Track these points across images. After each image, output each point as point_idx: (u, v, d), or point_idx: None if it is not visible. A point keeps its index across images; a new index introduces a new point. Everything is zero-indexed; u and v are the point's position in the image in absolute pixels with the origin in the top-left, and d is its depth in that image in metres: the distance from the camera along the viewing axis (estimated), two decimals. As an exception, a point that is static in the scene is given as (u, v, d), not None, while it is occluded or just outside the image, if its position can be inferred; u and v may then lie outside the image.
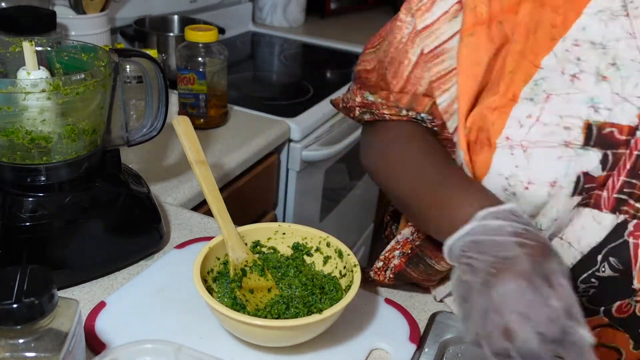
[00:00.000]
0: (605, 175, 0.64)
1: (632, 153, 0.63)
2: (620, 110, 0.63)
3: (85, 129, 0.76)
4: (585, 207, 0.65)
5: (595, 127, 0.64)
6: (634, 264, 0.65)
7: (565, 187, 0.64)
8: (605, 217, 0.64)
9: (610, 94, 0.64)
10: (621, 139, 0.63)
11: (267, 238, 0.79)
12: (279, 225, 0.79)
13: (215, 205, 0.75)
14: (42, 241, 0.75)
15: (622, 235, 0.64)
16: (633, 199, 0.64)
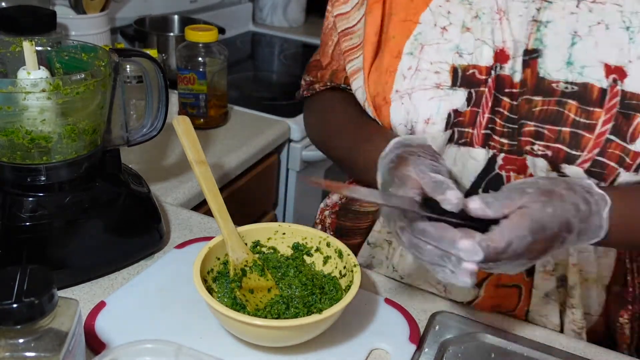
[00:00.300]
0: (470, 110, 0.74)
1: (490, 91, 0.73)
2: (480, 53, 0.73)
3: (85, 128, 0.76)
4: (462, 146, 0.75)
5: (460, 69, 0.74)
6: None
7: (437, 124, 0.75)
8: (478, 152, 0.75)
9: (473, 41, 0.74)
10: (481, 78, 0.73)
11: (267, 238, 0.79)
12: (279, 225, 0.79)
13: (215, 205, 0.75)
14: (42, 241, 0.75)
15: (494, 168, 0.74)
16: (496, 134, 0.74)
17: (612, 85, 0.69)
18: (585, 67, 0.69)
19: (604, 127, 0.69)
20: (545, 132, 0.71)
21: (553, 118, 0.71)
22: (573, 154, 0.70)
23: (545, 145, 0.71)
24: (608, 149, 0.69)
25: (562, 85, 0.70)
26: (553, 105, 0.71)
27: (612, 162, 0.69)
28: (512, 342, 0.74)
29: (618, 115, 0.69)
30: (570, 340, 0.76)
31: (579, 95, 0.70)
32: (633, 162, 0.69)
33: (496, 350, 0.74)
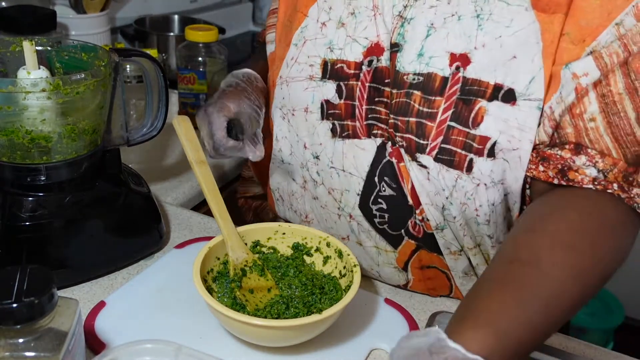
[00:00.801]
0: (344, 103, 0.78)
1: (364, 84, 0.76)
2: (349, 49, 0.77)
3: (85, 128, 0.76)
4: (347, 138, 0.78)
5: (330, 63, 0.78)
6: (402, 182, 0.75)
7: (314, 112, 0.80)
8: (365, 142, 0.77)
9: (345, 37, 0.77)
10: (349, 72, 0.77)
11: (267, 238, 0.79)
12: (279, 225, 0.79)
13: (215, 205, 0.75)
14: (42, 241, 0.75)
15: (384, 156, 0.76)
16: (381, 122, 0.76)
17: (454, 73, 0.70)
18: (433, 58, 0.71)
19: (444, 114, 0.70)
20: (399, 123, 0.73)
21: (403, 110, 0.73)
22: (421, 143, 0.72)
23: (401, 136, 0.74)
24: (451, 136, 0.70)
25: (411, 77, 0.72)
26: (402, 97, 0.73)
27: (458, 148, 0.70)
28: (512, 342, 0.74)
29: (458, 101, 0.70)
30: (570, 340, 0.76)
31: (423, 85, 0.72)
32: (482, 147, 0.69)
33: (496, 351, 0.74)
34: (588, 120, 0.66)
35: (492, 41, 0.68)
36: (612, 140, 0.65)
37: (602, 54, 0.64)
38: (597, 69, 0.64)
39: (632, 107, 0.64)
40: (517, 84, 0.68)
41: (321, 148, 0.81)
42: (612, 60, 0.64)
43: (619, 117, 0.65)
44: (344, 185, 0.80)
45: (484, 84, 0.69)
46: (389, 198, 0.77)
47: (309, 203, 0.87)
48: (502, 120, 0.68)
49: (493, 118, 0.68)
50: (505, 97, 0.68)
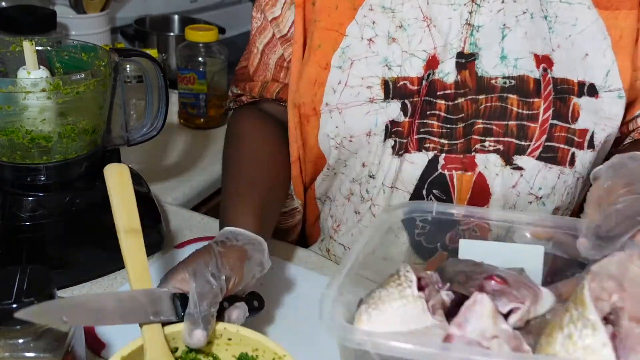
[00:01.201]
0: (408, 121, 0.76)
1: (421, 99, 0.75)
2: (409, 65, 0.75)
3: (85, 128, 0.76)
4: (399, 155, 0.77)
5: (391, 82, 0.76)
6: (453, 192, 0.77)
7: (378, 135, 0.77)
8: (416, 156, 0.77)
9: (400, 52, 0.75)
10: (414, 88, 0.76)
11: (207, 342, 0.58)
12: (224, 328, 0.58)
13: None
14: (42, 241, 0.75)
15: (436, 169, 0.77)
16: (434, 136, 0.76)
17: (543, 75, 0.74)
18: (518, 60, 0.74)
19: (545, 114, 0.74)
20: (494, 127, 0.74)
21: (498, 113, 0.74)
22: (522, 145, 0.74)
23: (496, 140, 0.75)
24: (555, 133, 0.74)
25: (501, 81, 0.74)
26: (496, 102, 0.74)
27: (562, 144, 0.74)
28: (512, 343, 0.74)
29: (555, 100, 0.74)
30: (570, 341, 0.76)
31: (517, 88, 0.74)
32: (582, 140, 0.74)
33: (496, 351, 0.74)
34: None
35: (564, 41, 0.74)
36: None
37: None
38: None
39: None
40: (596, 78, 0.74)
41: (379, 167, 0.79)
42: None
43: None
44: (388, 200, 0.79)
45: (571, 82, 0.74)
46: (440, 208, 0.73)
47: (348, 214, 0.85)
48: (593, 112, 0.74)
49: (586, 112, 0.74)
50: (589, 92, 0.74)
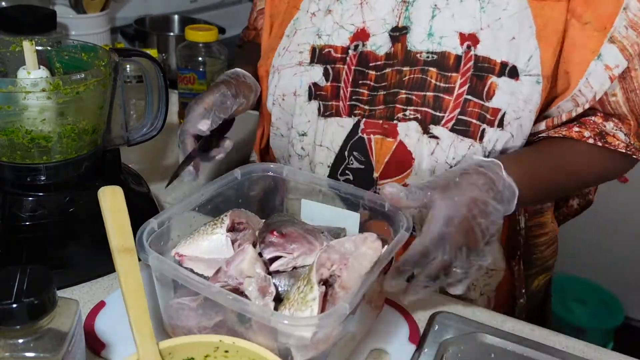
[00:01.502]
0: (330, 85, 0.84)
1: (350, 68, 0.83)
2: (337, 35, 0.84)
3: (85, 128, 0.76)
4: (330, 117, 0.85)
5: (318, 49, 0.85)
6: (371, 155, 0.83)
7: (302, 95, 0.86)
8: (346, 120, 0.84)
9: (332, 24, 0.84)
10: (337, 56, 0.84)
11: (203, 356, 0.58)
12: (219, 341, 0.58)
13: (134, 311, 0.57)
14: (42, 241, 0.75)
15: (357, 132, 0.83)
16: (362, 103, 0.83)
17: (466, 52, 0.78)
18: (443, 37, 0.79)
19: (461, 89, 0.78)
20: (414, 97, 0.80)
21: (419, 85, 0.80)
22: (438, 115, 0.79)
23: (415, 110, 0.80)
24: (467, 108, 0.78)
25: (425, 55, 0.79)
26: (418, 74, 0.80)
27: (474, 119, 0.78)
28: (512, 342, 0.74)
29: (472, 77, 0.78)
30: (570, 340, 0.76)
31: (437, 62, 0.79)
32: (494, 118, 0.78)
33: (496, 350, 0.74)
34: (610, 95, 0.80)
35: (494, 22, 0.77)
36: (628, 111, 0.80)
37: (623, 43, 0.76)
38: (625, 59, 0.76)
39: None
40: (519, 61, 0.77)
41: (308, 125, 0.87)
42: (634, 48, 0.76)
43: (636, 94, 0.79)
44: (320, 158, 0.87)
45: (493, 61, 0.77)
46: (356, 170, 0.84)
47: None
48: (509, 93, 0.77)
49: (502, 92, 0.77)
50: (510, 73, 0.77)
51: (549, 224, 0.96)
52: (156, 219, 0.69)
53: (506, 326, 0.78)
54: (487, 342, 0.74)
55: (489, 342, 0.74)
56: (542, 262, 0.98)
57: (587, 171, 0.84)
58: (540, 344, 0.74)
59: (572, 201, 1.02)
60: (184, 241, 0.70)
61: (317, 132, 0.86)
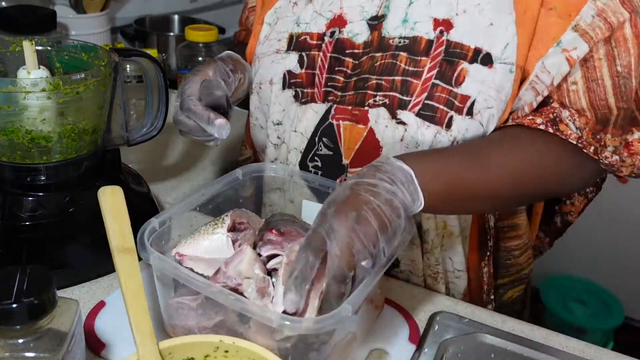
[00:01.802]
0: (305, 72, 0.83)
1: (326, 55, 0.82)
2: (314, 23, 0.84)
3: (85, 128, 0.76)
4: (306, 103, 0.83)
5: (295, 36, 0.84)
6: (339, 142, 0.81)
7: (277, 84, 0.85)
8: (319, 106, 0.82)
9: (312, 12, 0.84)
10: (312, 43, 0.83)
11: (203, 356, 0.58)
12: (219, 341, 0.58)
13: (134, 311, 0.57)
14: (42, 241, 0.75)
15: (328, 118, 0.81)
16: (337, 89, 0.81)
17: (438, 37, 0.76)
18: (417, 23, 0.78)
19: (429, 73, 0.76)
20: (383, 82, 0.78)
21: (389, 70, 0.78)
22: (405, 100, 0.77)
23: (384, 95, 0.78)
24: (435, 93, 0.76)
25: (397, 41, 0.78)
26: (389, 59, 0.78)
27: (441, 104, 0.76)
28: (512, 342, 0.74)
29: (442, 62, 0.76)
30: (570, 340, 0.76)
31: (409, 47, 0.78)
32: (463, 105, 0.75)
33: (496, 350, 0.74)
34: (571, 84, 0.75)
35: (472, 7, 0.75)
36: (588, 103, 0.75)
37: (586, 30, 0.72)
38: (584, 41, 0.72)
39: (609, 74, 0.74)
40: (494, 48, 0.75)
41: (283, 114, 0.86)
42: (596, 33, 0.72)
43: (597, 84, 0.74)
44: (294, 144, 0.85)
45: (466, 47, 0.75)
46: (325, 157, 0.82)
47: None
48: (480, 81, 0.75)
49: (473, 79, 0.75)
50: (483, 61, 0.75)
51: (522, 227, 0.92)
52: (157, 218, 0.68)
53: (506, 326, 0.78)
54: (487, 342, 0.74)
55: (489, 342, 0.74)
56: (516, 269, 0.95)
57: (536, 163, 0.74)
58: (540, 344, 0.74)
59: (556, 218, 1.00)
60: (185, 241, 0.70)
61: (294, 119, 0.84)
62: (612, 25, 0.72)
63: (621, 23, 0.72)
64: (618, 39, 0.73)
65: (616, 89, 0.74)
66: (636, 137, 0.77)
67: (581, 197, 0.96)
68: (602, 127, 0.75)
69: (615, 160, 0.76)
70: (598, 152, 0.75)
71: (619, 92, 0.74)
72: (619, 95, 0.74)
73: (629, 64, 0.73)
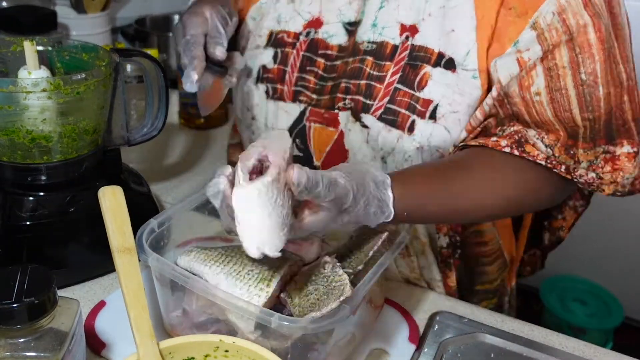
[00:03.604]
0: (277, 68, 0.85)
1: (299, 53, 0.84)
2: (293, 22, 0.85)
3: (85, 128, 0.76)
4: (276, 100, 0.85)
5: (274, 33, 0.86)
6: (309, 144, 0.83)
7: (253, 77, 0.87)
8: (290, 106, 0.84)
9: (292, 11, 0.86)
10: (288, 41, 0.85)
11: (203, 355, 0.58)
12: (220, 340, 0.58)
13: (134, 311, 0.57)
14: (42, 240, 0.75)
15: (302, 120, 0.83)
16: (309, 90, 0.83)
17: (403, 42, 0.77)
18: (385, 28, 0.78)
19: (392, 77, 0.77)
20: (350, 86, 0.80)
21: (356, 73, 0.79)
22: (368, 104, 0.78)
23: (351, 98, 0.79)
24: (397, 97, 0.76)
25: (365, 45, 0.79)
26: (357, 63, 0.80)
27: (402, 108, 0.76)
28: (512, 342, 0.74)
29: (406, 66, 0.76)
30: (570, 340, 0.76)
31: (375, 52, 0.79)
32: (425, 109, 0.75)
33: (496, 350, 0.74)
34: (534, 94, 0.71)
35: (437, 10, 0.75)
36: (553, 115, 0.71)
37: (544, 29, 0.69)
38: (538, 43, 0.70)
39: (573, 83, 0.69)
40: (456, 54, 0.74)
41: (258, 109, 0.88)
42: (552, 35, 0.69)
43: (560, 94, 0.70)
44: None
45: (430, 50, 0.75)
46: (297, 158, 0.83)
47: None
48: (444, 85, 0.74)
49: (436, 83, 0.75)
50: (447, 65, 0.75)
51: (486, 233, 0.89)
52: (156, 219, 0.68)
53: (506, 326, 0.78)
54: (487, 342, 0.75)
55: (489, 342, 0.74)
56: (488, 278, 0.93)
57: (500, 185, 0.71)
58: (540, 344, 0.74)
59: (544, 236, 1.00)
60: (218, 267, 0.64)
61: (268, 114, 0.86)
62: (570, 29, 0.68)
63: (581, 27, 0.68)
64: (582, 44, 0.68)
65: (580, 98, 0.69)
66: (625, 150, 0.71)
67: (571, 211, 0.95)
68: (573, 141, 0.71)
69: (592, 178, 0.71)
70: (571, 171, 0.71)
71: (583, 101, 0.69)
72: (584, 105, 0.69)
73: (594, 70, 0.68)
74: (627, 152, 0.71)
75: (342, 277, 0.60)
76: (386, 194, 0.62)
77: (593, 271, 2.02)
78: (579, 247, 1.93)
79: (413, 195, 0.65)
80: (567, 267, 2.01)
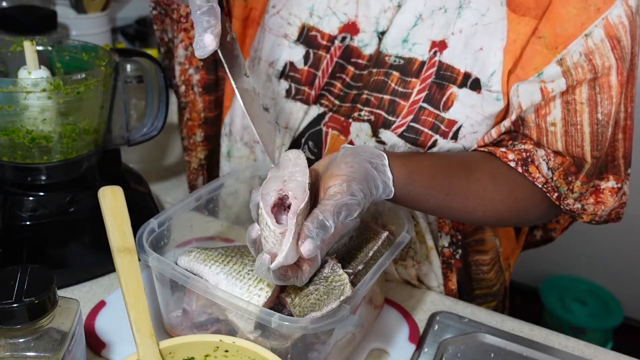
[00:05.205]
0: (307, 70, 0.82)
1: (332, 59, 0.81)
2: (327, 20, 0.80)
3: (85, 128, 0.76)
4: (298, 101, 0.82)
5: (307, 28, 0.81)
6: (323, 149, 0.81)
7: (275, 70, 0.83)
8: (312, 108, 0.82)
9: (326, 7, 0.80)
10: (322, 43, 0.81)
11: (203, 355, 0.58)
12: (220, 340, 0.57)
13: (134, 312, 0.57)
14: (42, 240, 0.75)
15: (319, 124, 0.81)
16: (332, 95, 0.81)
17: (431, 57, 0.75)
18: (416, 45, 0.76)
19: (417, 95, 0.75)
20: (372, 99, 0.78)
21: (379, 87, 0.77)
22: (389, 120, 0.76)
23: (370, 111, 0.78)
24: (421, 116, 0.75)
25: (392, 59, 0.77)
26: (381, 76, 0.77)
27: (426, 128, 0.75)
28: (512, 342, 0.74)
29: (432, 84, 0.75)
30: (570, 340, 0.76)
31: (402, 67, 0.76)
32: (449, 130, 0.74)
33: (495, 350, 0.74)
34: (550, 124, 0.72)
35: (468, 28, 0.73)
36: (564, 147, 0.73)
37: (569, 67, 0.69)
38: (563, 77, 0.70)
39: (589, 121, 0.71)
40: (482, 74, 0.73)
41: (272, 103, 0.84)
42: (577, 72, 0.69)
43: (575, 129, 0.72)
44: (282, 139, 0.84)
45: (456, 70, 0.74)
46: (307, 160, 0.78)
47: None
48: (469, 106, 0.74)
49: (461, 104, 0.74)
50: (472, 85, 0.74)
51: (488, 242, 0.89)
52: (156, 219, 0.68)
53: (506, 326, 0.78)
54: (487, 342, 0.75)
55: (489, 342, 0.75)
56: (487, 284, 0.93)
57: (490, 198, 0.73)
58: (540, 344, 0.75)
59: (536, 231, 1.00)
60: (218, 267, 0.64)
61: (282, 113, 0.83)
62: (595, 68, 0.69)
63: (606, 68, 0.69)
64: (603, 85, 0.70)
65: (593, 137, 0.71)
66: (609, 185, 0.76)
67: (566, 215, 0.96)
68: (576, 169, 0.74)
69: (577, 208, 0.76)
70: (561, 199, 0.74)
71: (595, 140, 0.72)
72: (595, 144, 0.72)
73: (609, 112, 0.70)
74: (612, 186, 0.76)
75: (342, 277, 0.60)
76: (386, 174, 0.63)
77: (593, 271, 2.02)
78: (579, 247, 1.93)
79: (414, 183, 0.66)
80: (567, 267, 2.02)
